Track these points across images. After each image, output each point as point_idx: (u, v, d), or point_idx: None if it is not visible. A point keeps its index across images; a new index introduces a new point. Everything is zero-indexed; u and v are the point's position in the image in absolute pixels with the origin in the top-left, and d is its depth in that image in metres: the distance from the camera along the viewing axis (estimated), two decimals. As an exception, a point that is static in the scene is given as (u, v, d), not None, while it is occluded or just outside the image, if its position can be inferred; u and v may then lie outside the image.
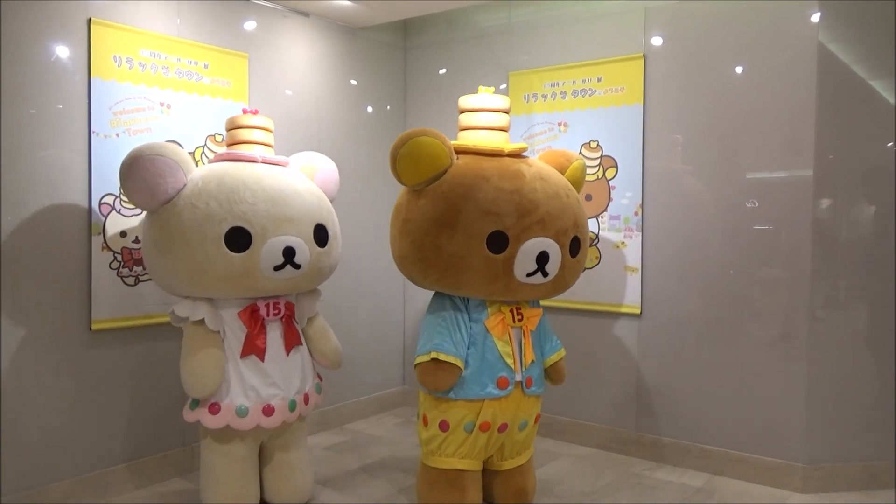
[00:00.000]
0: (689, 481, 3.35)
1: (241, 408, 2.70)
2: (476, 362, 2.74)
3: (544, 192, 2.70)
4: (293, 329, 2.87)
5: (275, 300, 2.81)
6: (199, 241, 2.57)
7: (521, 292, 2.75)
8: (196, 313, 2.69)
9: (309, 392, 2.93)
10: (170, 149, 2.64)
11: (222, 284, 2.64)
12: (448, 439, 2.77)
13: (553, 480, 3.34)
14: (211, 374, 2.64)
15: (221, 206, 2.59)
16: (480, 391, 2.73)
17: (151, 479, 3.24)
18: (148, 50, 3.15)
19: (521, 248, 2.63)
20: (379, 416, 4.47)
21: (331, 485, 3.28)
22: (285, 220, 2.67)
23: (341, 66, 4.22)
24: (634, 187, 3.65)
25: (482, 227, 2.60)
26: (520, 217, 2.62)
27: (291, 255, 2.67)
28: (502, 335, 2.78)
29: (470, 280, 2.66)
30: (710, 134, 3.44)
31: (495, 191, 2.63)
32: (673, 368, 3.58)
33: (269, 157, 2.90)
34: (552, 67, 3.92)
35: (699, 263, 3.48)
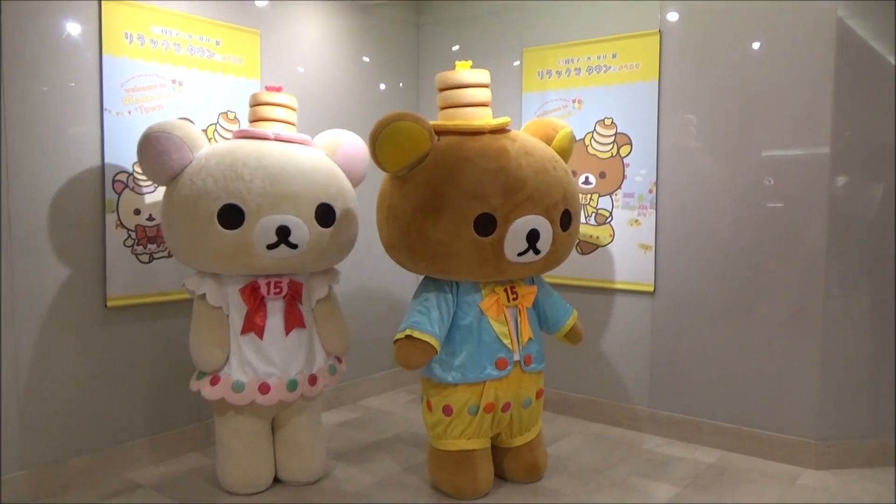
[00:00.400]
0: (701, 457, 3.36)
1: (238, 383, 2.75)
2: (473, 345, 2.73)
3: (531, 168, 2.62)
4: (295, 310, 2.85)
5: (277, 279, 2.80)
6: (195, 217, 2.62)
7: (512, 272, 2.71)
8: (200, 288, 2.76)
9: (318, 373, 2.93)
10: (179, 126, 2.69)
11: (217, 261, 2.68)
12: (453, 423, 2.78)
13: (565, 457, 3.36)
14: (214, 354, 2.74)
15: (217, 182, 2.61)
16: (480, 373, 2.74)
17: (169, 454, 3.29)
18: (159, 26, 3.13)
19: (511, 229, 2.57)
20: (392, 392, 4.50)
21: (344, 460, 3.31)
22: (282, 198, 2.64)
23: (354, 42, 4.18)
24: (649, 165, 3.62)
25: (468, 210, 2.54)
26: (507, 196, 2.55)
27: (286, 235, 2.65)
28: (497, 316, 2.76)
29: (459, 265, 2.63)
30: (726, 111, 3.39)
31: (479, 172, 2.56)
32: (686, 345, 3.57)
33: (284, 135, 2.88)
34: (567, 44, 3.88)
35: (713, 241, 3.46)
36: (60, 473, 2.91)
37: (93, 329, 3.01)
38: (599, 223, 3.80)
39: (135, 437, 3.18)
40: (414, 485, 3.03)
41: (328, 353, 3.04)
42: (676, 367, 3.61)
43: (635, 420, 3.75)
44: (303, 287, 2.91)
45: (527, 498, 2.90)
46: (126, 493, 2.92)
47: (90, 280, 2.98)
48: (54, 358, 2.89)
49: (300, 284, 2.89)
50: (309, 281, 2.96)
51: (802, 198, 3.22)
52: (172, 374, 3.26)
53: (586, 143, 3.82)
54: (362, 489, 2.98)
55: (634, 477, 3.13)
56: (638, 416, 3.74)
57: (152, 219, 3.14)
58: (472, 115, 2.75)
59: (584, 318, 3.83)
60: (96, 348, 3.03)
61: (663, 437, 3.63)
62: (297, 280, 2.88)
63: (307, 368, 2.89)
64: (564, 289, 3.91)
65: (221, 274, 2.78)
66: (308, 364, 2.90)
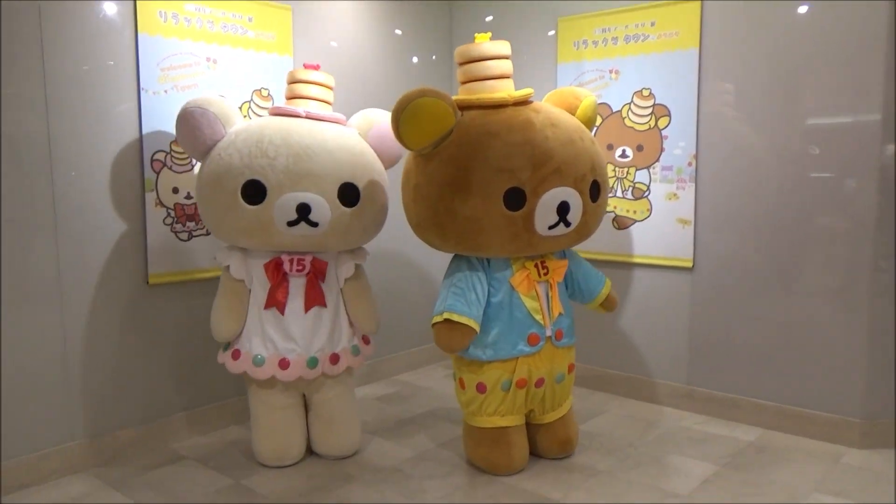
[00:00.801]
0: (741, 435, 3.31)
1: (258, 357, 2.81)
2: (505, 321, 2.72)
3: (557, 140, 2.57)
4: (316, 288, 2.86)
5: (300, 256, 2.82)
6: (221, 191, 2.67)
7: (544, 245, 2.68)
8: (226, 260, 2.83)
9: (340, 353, 2.94)
10: (214, 102, 2.75)
11: (240, 235, 2.73)
12: (487, 400, 2.78)
13: (602, 433, 3.35)
14: (225, 324, 2.84)
15: (242, 158, 2.64)
16: (512, 350, 2.73)
17: (211, 427, 3.37)
18: (193, 4, 3.14)
19: (540, 202, 2.54)
20: (428, 367, 4.53)
21: (380, 434, 3.35)
22: (305, 176, 2.65)
23: (386, 16, 4.14)
24: (688, 137, 3.52)
25: (497, 185, 2.50)
26: (535, 169, 2.51)
27: (306, 212, 2.65)
28: (529, 291, 2.75)
29: (490, 241, 2.60)
30: (770, 78, 3.27)
31: (505, 146, 2.52)
32: (726, 322, 3.50)
33: (315, 113, 2.88)
34: (603, 12, 3.77)
35: (756, 214, 3.37)
36: (109, 444, 3.01)
37: (136, 306, 3.08)
38: (637, 197, 3.73)
39: (178, 409, 3.27)
40: (449, 459, 3.06)
41: (356, 333, 3.06)
42: (715, 344, 3.55)
43: (673, 397, 3.71)
44: (328, 266, 2.91)
45: (561, 474, 2.90)
46: (171, 463, 3.01)
47: (132, 258, 3.04)
48: (100, 334, 2.97)
49: (325, 263, 2.89)
50: (336, 260, 2.97)
51: (850, 167, 3.10)
52: (212, 349, 3.31)
53: (623, 115, 3.74)
54: (398, 463, 3.02)
55: (671, 454, 3.10)
56: (676, 394, 3.70)
57: (190, 197, 3.18)
58: (493, 88, 2.71)
59: (621, 294, 3.80)
60: (140, 324, 3.10)
61: (701, 414, 3.59)
62: (322, 258, 2.89)
63: (329, 347, 2.91)
64: (601, 264, 3.87)
65: (248, 249, 2.82)
66: (330, 343, 2.91)
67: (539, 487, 2.77)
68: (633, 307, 3.80)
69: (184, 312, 3.25)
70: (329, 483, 2.83)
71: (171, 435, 3.23)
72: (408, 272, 4.38)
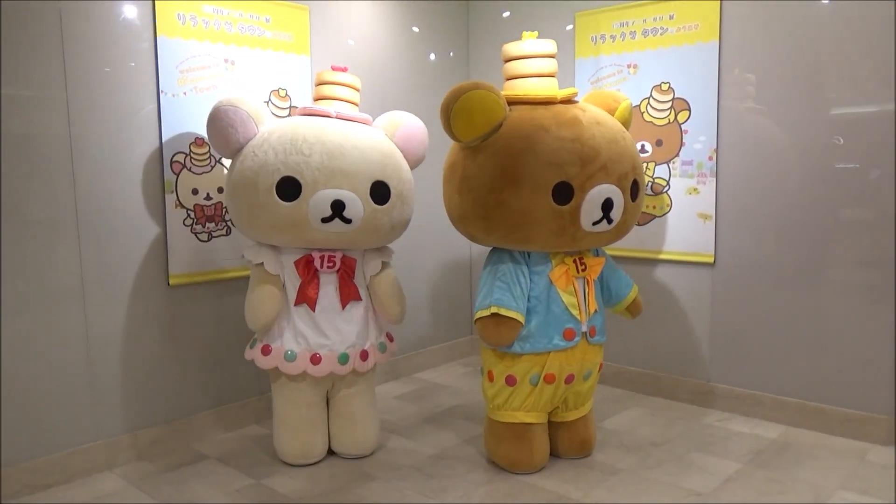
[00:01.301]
0: (763, 432, 3.28)
1: (290, 352, 2.83)
2: (542, 315, 2.72)
3: (603, 138, 2.62)
4: (350, 284, 2.90)
5: (330, 253, 2.85)
6: (254, 189, 2.69)
7: (586, 241, 2.71)
8: (258, 257, 2.84)
9: (369, 349, 2.96)
10: (246, 101, 2.80)
11: (273, 232, 2.75)
12: (514, 393, 2.79)
13: (623, 430, 3.33)
14: (265, 307, 2.79)
15: (277, 156, 2.67)
16: (547, 343, 2.73)
17: (232, 426, 3.40)
18: (210, 6, 3.16)
19: (587, 197, 2.57)
20: (447, 365, 4.53)
21: (400, 432, 3.36)
22: (339, 173, 2.68)
23: (403, 13, 4.14)
24: (708, 131, 3.48)
25: (547, 178, 2.53)
26: (583, 165, 2.55)
27: (340, 209, 2.68)
28: (567, 286, 2.75)
29: (537, 234, 2.62)
30: (792, 69, 3.22)
31: (556, 140, 2.55)
32: (748, 317, 3.47)
33: (345, 113, 2.91)
34: (621, 6, 3.74)
35: (777, 208, 3.32)
36: (132, 444, 3.04)
37: (157, 306, 3.11)
38: (656, 192, 3.69)
39: (200, 409, 3.30)
40: (469, 458, 3.06)
41: (382, 331, 3.08)
42: (737, 340, 3.52)
43: (694, 394, 3.68)
44: (356, 263, 2.94)
45: (582, 472, 2.89)
46: (193, 463, 3.04)
47: (153, 259, 3.07)
48: (122, 334, 3.00)
49: (354, 260, 2.92)
50: (363, 258, 2.99)
51: (875, 157, 3.05)
52: (233, 348, 3.35)
53: (642, 109, 3.70)
54: (417, 462, 3.03)
55: (694, 452, 3.08)
56: (697, 390, 3.67)
57: (210, 198, 3.21)
58: (537, 86, 2.74)
59: (642, 290, 3.75)
60: (161, 325, 3.13)
61: (724, 411, 3.56)
62: (351, 255, 2.92)
63: (360, 343, 2.94)
64: (620, 260, 3.84)
65: (279, 246, 2.84)
66: (360, 339, 2.94)
67: (559, 486, 2.77)
68: (653, 303, 3.77)
69: (204, 312, 3.28)
70: (349, 482, 2.84)
71: (193, 434, 3.26)
72: (428, 270, 4.38)
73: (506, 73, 2.84)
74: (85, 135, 2.83)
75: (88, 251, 2.87)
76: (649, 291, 3.78)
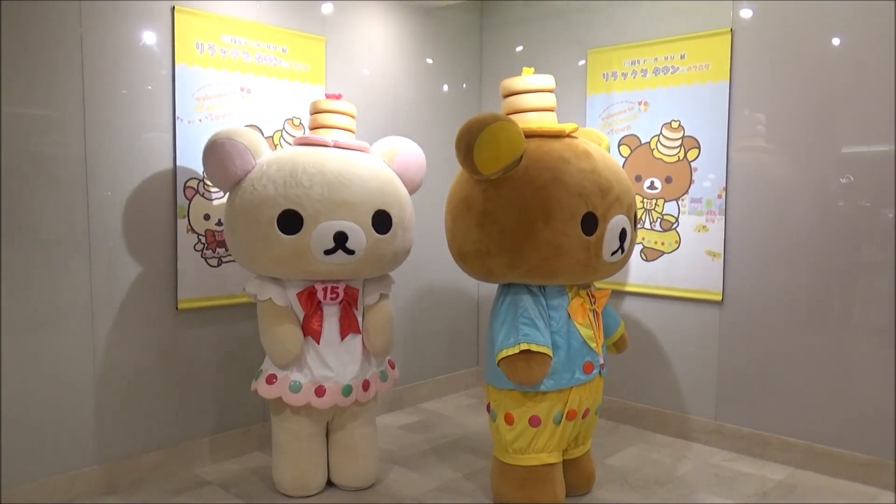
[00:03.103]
0: (769, 474, 3.24)
1: (295, 383, 2.80)
2: (563, 350, 2.67)
3: (610, 170, 2.67)
4: (351, 315, 2.88)
5: (333, 284, 2.84)
6: (255, 222, 2.68)
7: (604, 271, 2.71)
8: (262, 292, 2.82)
9: (370, 379, 2.95)
10: (243, 133, 2.78)
11: (275, 265, 2.74)
12: (538, 434, 2.68)
13: (628, 468, 3.30)
14: (292, 343, 2.77)
15: (277, 189, 2.66)
16: (570, 379, 2.68)
17: (235, 453, 3.38)
18: (229, 35, 3.22)
19: (608, 227, 2.60)
20: (452, 396, 4.51)
21: (402, 464, 3.33)
22: (341, 204, 2.68)
23: (417, 45, 4.20)
24: (718, 169, 3.50)
25: (576, 209, 2.53)
26: (603, 196, 2.58)
27: (343, 241, 2.68)
28: (584, 319, 2.73)
29: (566, 265, 2.56)
30: (803, 109, 3.25)
31: (578, 172, 2.57)
32: (756, 357, 3.45)
33: (343, 142, 2.91)
34: (633, 44, 3.79)
35: (787, 247, 3.32)
36: (134, 468, 3.03)
37: (165, 330, 3.12)
38: (665, 229, 3.70)
39: (203, 434, 3.29)
40: (472, 492, 3.03)
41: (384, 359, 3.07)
42: (745, 379, 3.49)
43: (701, 432, 3.64)
44: (359, 293, 2.94)
45: (586, 510, 2.86)
46: (194, 489, 3.02)
47: (162, 282, 3.09)
48: (128, 357, 3.01)
49: (356, 290, 2.92)
50: (364, 287, 2.99)
51: (886, 196, 3.05)
52: (239, 374, 3.35)
53: (652, 146, 3.73)
54: (419, 495, 3.00)
55: (699, 492, 3.04)
56: (704, 429, 3.64)
57: (221, 224, 3.23)
58: (538, 121, 2.75)
59: (649, 326, 3.76)
60: (168, 349, 3.14)
61: (730, 451, 3.52)
62: (353, 286, 2.91)
63: (361, 374, 2.92)
64: (628, 296, 3.84)
65: (281, 278, 2.84)
66: (362, 369, 2.92)
67: (563, 524, 2.73)
68: (661, 340, 3.76)
69: (212, 338, 3.28)
70: (351, 513, 2.82)
71: (196, 460, 3.25)
72: (434, 300, 4.38)
73: (505, 109, 2.82)
74: (100, 156, 2.87)
75: (99, 272, 2.89)
76: (657, 327, 3.77)
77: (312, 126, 3.01)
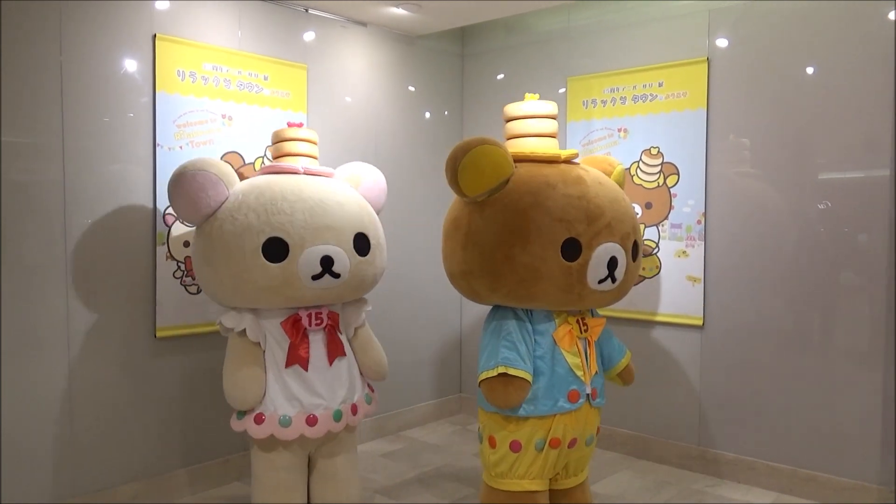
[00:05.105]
0: (753, 499, 3.23)
1: (285, 417, 2.73)
2: (547, 376, 2.64)
3: (606, 197, 2.64)
4: (336, 339, 2.86)
5: (317, 310, 2.81)
6: (239, 252, 2.63)
7: (591, 300, 2.67)
8: (240, 324, 2.75)
9: (357, 402, 2.92)
10: (211, 163, 2.71)
11: (262, 294, 2.68)
12: (519, 460, 2.66)
13: (612, 495, 3.27)
14: (251, 391, 2.71)
15: (259, 217, 2.63)
16: (553, 406, 2.64)
17: (213, 483, 3.33)
18: (210, 63, 3.23)
19: (594, 255, 2.56)
20: (436, 423, 4.47)
21: (385, 493, 3.29)
22: (324, 229, 2.68)
23: (399, 73, 4.24)
24: (697, 195, 3.54)
25: (556, 234, 2.52)
26: (589, 223, 2.55)
27: (329, 265, 2.67)
28: (570, 347, 2.68)
29: (545, 290, 2.57)
30: (779, 137, 3.30)
31: (563, 197, 2.56)
32: (738, 381, 3.45)
33: (312, 168, 2.92)
34: (612, 72, 3.84)
35: (766, 271, 3.35)
36: (110, 500, 2.97)
37: (143, 358, 3.08)
38: (646, 255, 3.73)
39: (181, 465, 3.23)
40: (455, 521, 2.99)
41: (369, 378, 3.04)
42: (727, 404, 3.49)
43: (684, 458, 3.63)
44: (339, 317, 2.92)
45: (570, 538, 2.82)
46: (171, 521, 2.96)
47: (141, 310, 3.06)
48: (105, 386, 2.97)
49: (337, 314, 2.91)
50: (343, 310, 2.97)
51: (863, 222, 3.10)
52: (219, 403, 3.28)
53: (632, 172, 3.76)
54: (402, 524, 2.96)
55: (683, 519, 3.03)
56: (687, 455, 3.62)
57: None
58: (538, 145, 2.78)
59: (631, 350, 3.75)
60: (146, 377, 3.10)
61: (714, 476, 3.51)
62: (335, 310, 2.90)
63: (349, 397, 2.89)
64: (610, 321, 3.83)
65: (260, 309, 2.79)
66: (350, 393, 2.90)
67: (546, 553, 2.70)
68: (642, 365, 3.75)
69: (190, 366, 3.25)
70: (331, 544, 2.77)
71: (174, 491, 3.19)
72: (417, 326, 4.36)
73: (507, 133, 2.86)
74: (79, 183, 2.85)
75: (76, 299, 2.86)
76: (639, 353, 3.76)
77: (276, 154, 2.98)
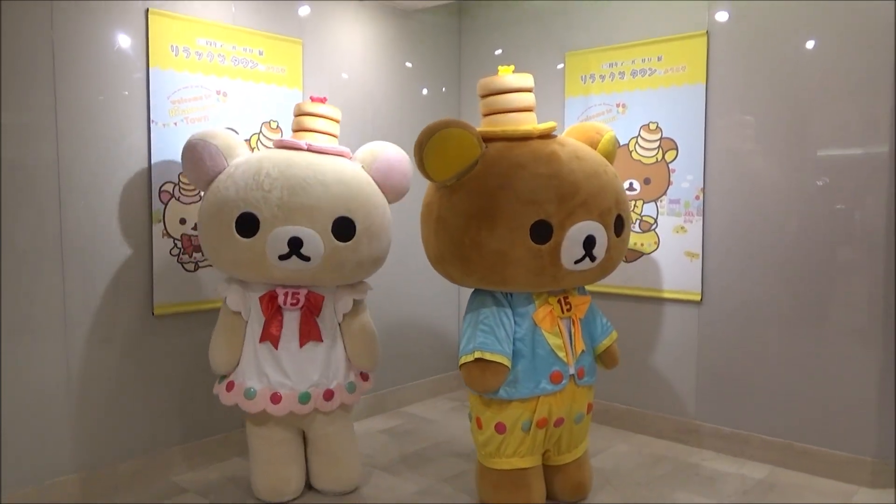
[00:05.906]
0: (749, 473, 3.26)
1: (251, 390, 2.79)
2: (527, 359, 2.64)
3: (583, 172, 2.54)
4: (311, 322, 2.82)
5: (294, 290, 2.79)
6: (217, 223, 2.69)
7: (569, 280, 2.62)
8: (225, 292, 2.85)
9: (335, 389, 2.88)
10: (218, 135, 2.80)
11: (235, 268, 2.75)
12: (506, 440, 2.68)
13: (609, 470, 3.30)
14: (221, 357, 2.85)
15: (238, 191, 2.66)
16: (535, 388, 2.64)
17: (213, 459, 3.35)
18: (204, 38, 3.19)
19: (567, 235, 2.49)
20: (434, 399, 4.50)
21: (384, 468, 3.31)
22: (298, 209, 2.63)
23: (396, 49, 4.19)
24: (696, 170, 3.52)
25: (524, 218, 2.46)
26: (561, 202, 2.47)
27: (297, 246, 2.63)
28: (552, 328, 2.66)
29: (515, 275, 2.54)
30: (778, 112, 3.28)
31: (532, 177, 2.48)
32: (735, 356, 3.47)
33: (318, 146, 2.87)
34: (610, 47, 3.80)
35: (764, 247, 3.35)
36: (110, 476, 2.98)
37: (141, 336, 3.08)
38: (644, 230, 3.72)
39: (181, 441, 3.25)
40: (454, 496, 3.01)
41: (352, 369, 2.99)
42: (724, 379, 3.51)
43: (681, 433, 3.66)
44: (324, 300, 2.86)
45: (568, 512, 2.86)
46: (172, 496, 2.98)
47: (138, 288, 3.05)
48: (104, 364, 2.97)
49: (321, 297, 2.84)
50: (335, 294, 2.93)
51: (861, 199, 3.09)
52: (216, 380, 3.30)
53: (630, 148, 3.74)
54: (401, 499, 2.98)
55: (679, 492, 3.05)
56: (683, 429, 3.65)
57: (197, 228, 3.19)
58: (516, 121, 2.68)
59: (629, 327, 3.77)
60: (144, 355, 3.10)
61: (710, 450, 3.54)
62: (319, 292, 2.85)
63: (323, 383, 2.85)
64: (608, 297, 3.85)
65: (245, 281, 2.83)
66: (324, 378, 2.85)
67: (544, 526, 2.73)
68: (640, 341, 3.77)
69: (188, 343, 3.25)
70: (331, 519, 2.79)
71: (173, 467, 3.21)
72: (414, 303, 4.37)
73: (483, 109, 2.77)
74: (73, 162, 2.83)
75: (73, 278, 2.85)
76: (637, 328, 3.78)
77: (295, 128, 2.96)
